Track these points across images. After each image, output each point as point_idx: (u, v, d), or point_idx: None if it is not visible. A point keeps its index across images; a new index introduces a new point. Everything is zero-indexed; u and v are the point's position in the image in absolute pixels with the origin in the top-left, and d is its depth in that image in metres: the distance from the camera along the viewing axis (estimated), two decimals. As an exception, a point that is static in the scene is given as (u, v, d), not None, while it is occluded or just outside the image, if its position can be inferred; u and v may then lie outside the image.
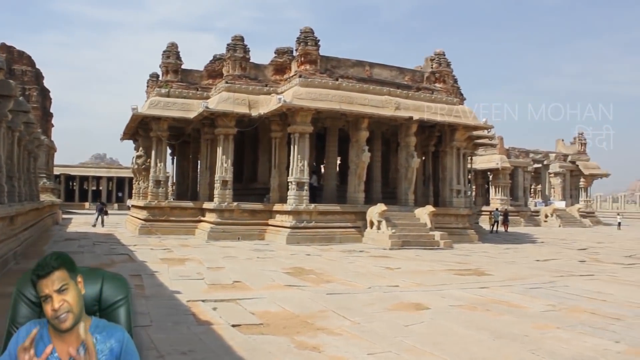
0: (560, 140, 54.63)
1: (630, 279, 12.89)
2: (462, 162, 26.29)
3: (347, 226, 22.02)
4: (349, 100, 22.06)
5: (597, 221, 49.05)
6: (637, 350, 6.25)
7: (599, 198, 77.16)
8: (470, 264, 15.36)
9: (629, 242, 26.48)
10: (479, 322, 7.55)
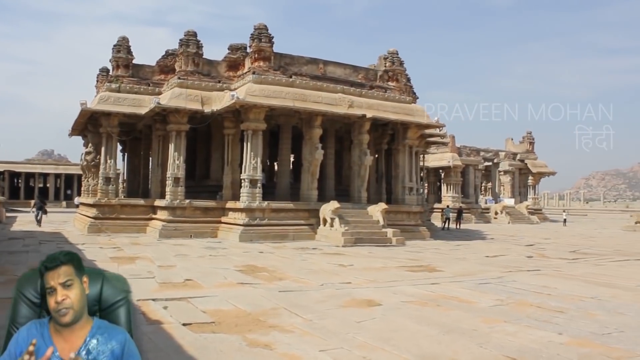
0: (510, 139, 55.97)
1: (574, 273, 13.33)
2: (415, 160, 26.65)
3: (300, 224, 22.04)
4: (302, 97, 22.07)
5: (544, 218, 50.52)
6: (578, 341, 6.48)
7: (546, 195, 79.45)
8: (421, 260, 15.58)
9: (574, 238, 27.35)
10: (430, 318, 7.67)
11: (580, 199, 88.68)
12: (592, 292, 10.24)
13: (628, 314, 8.24)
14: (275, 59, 23.01)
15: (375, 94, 24.45)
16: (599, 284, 11.41)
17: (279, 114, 23.15)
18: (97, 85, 28.21)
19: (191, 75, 23.45)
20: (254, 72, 22.15)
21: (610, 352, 6.00)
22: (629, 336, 6.79)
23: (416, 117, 24.66)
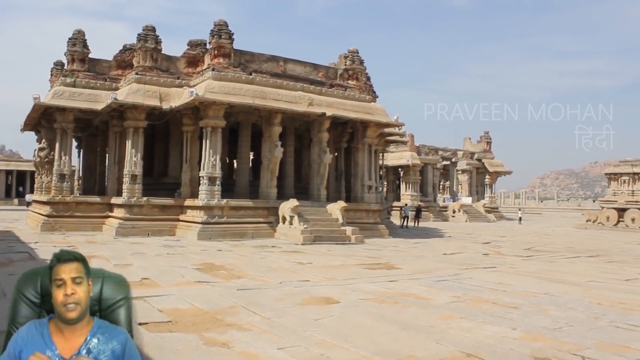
0: (468, 138, 56.88)
1: (528, 270, 13.64)
2: (374, 159, 26.84)
3: (259, 221, 21.96)
4: (262, 95, 21.96)
5: (500, 216, 51.53)
6: (531, 335, 6.64)
7: (502, 194, 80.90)
8: (380, 258, 15.71)
9: (529, 236, 27.99)
10: (387, 315, 7.74)
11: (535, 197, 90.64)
12: (545, 288, 10.50)
13: (578, 308, 8.48)
14: (235, 56, 22.85)
15: (335, 93, 24.51)
16: (551, 280, 11.71)
17: (239, 111, 23.01)
18: (52, 80, 27.53)
19: (149, 71, 23.10)
20: (213, 68, 21.95)
21: (561, 345, 6.16)
22: (578, 330, 6.99)
23: (376, 115, 24.83)
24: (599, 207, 40.85)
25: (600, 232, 33.62)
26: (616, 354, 5.90)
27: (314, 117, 23.36)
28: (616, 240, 26.76)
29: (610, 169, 39.41)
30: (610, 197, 38.43)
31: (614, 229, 36.03)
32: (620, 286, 11.28)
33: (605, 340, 6.47)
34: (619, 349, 6.08)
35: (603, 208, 38.72)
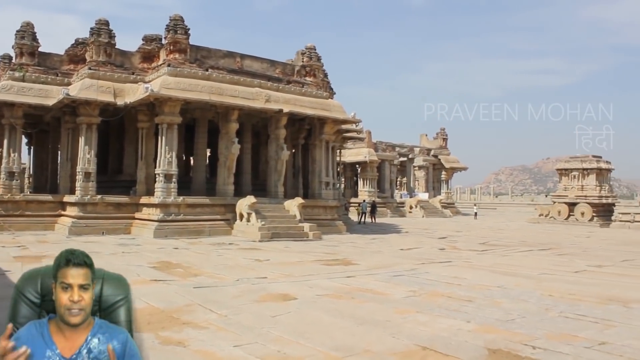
0: (424, 135, 57.56)
1: (482, 264, 13.90)
2: (331, 155, 26.92)
3: (216, 219, 21.79)
4: (219, 91, 21.78)
5: (456, 211, 52.34)
6: (484, 328, 6.79)
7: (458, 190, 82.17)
8: (337, 254, 15.78)
9: (484, 231, 28.52)
10: (344, 310, 7.78)
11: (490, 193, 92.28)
12: (498, 281, 10.72)
13: (530, 300, 8.69)
14: (191, 52, 22.58)
15: (293, 89, 24.49)
16: (505, 274, 11.96)
17: (195, 108, 22.76)
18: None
19: (103, 66, 22.62)
20: (169, 64, 21.65)
21: (513, 336, 6.31)
22: (530, 321, 7.17)
23: (333, 112, 24.90)
24: (551, 201, 41.88)
25: (552, 226, 34.52)
26: (565, 343, 6.07)
27: (271, 113, 23.29)
28: (567, 233, 27.53)
29: (561, 165, 40.44)
30: (561, 192, 39.45)
31: (565, 222, 37.03)
32: (570, 278, 11.61)
33: (554, 330, 6.65)
34: (567, 338, 6.26)
35: (554, 203, 39.72)
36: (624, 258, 15.94)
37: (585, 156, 39.07)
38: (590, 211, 36.56)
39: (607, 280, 11.41)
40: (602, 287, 10.24)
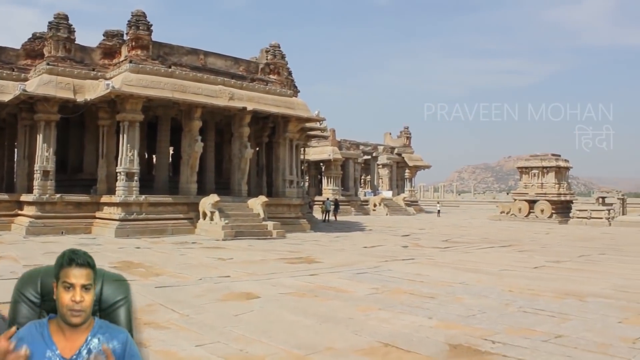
0: (388, 133, 57.96)
1: (445, 260, 14.09)
2: (295, 153, 26.90)
3: (179, 218, 21.57)
4: (182, 88, 21.55)
5: (420, 209, 52.86)
6: (446, 324, 6.87)
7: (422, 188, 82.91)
8: (301, 252, 15.79)
9: (446, 228, 28.89)
10: (307, 308, 7.79)
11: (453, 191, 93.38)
12: (460, 277, 10.87)
13: (490, 296, 8.84)
14: (154, 48, 22.29)
15: (257, 87, 24.39)
16: (466, 270, 12.14)
17: (158, 105, 22.49)
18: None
19: (62, 61, 22.13)
20: (131, 60, 21.31)
21: (474, 332, 6.41)
22: (490, 316, 7.29)
23: (297, 110, 24.89)
24: (512, 199, 42.65)
25: (512, 223, 35.17)
26: (523, 337, 6.19)
27: (234, 111, 23.15)
28: (527, 230, 28.08)
29: (522, 163, 41.22)
30: (522, 190, 40.22)
31: (526, 219, 37.76)
32: (529, 274, 11.85)
33: (514, 325, 6.78)
34: (525, 333, 6.39)
35: (515, 200, 40.47)
36: (581, 254, 16.35)
37: (545, 155, 39.91)
38: (549, 208, 37.37)
39: (565, 275, 11.68)
40: (560, 282, 10.48)
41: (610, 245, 19.99)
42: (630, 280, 11.05)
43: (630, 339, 6.20)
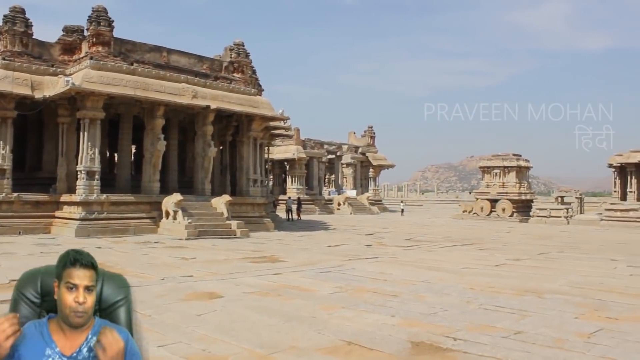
0: (352, 132, 58.19)
1: (408, 259, 14.21)
2: (259, 152, 26.81)
3: (142, 217, 21.28)
4: (144, 86, 21.24)
5: (384, 208, 53.21)
6: (408, 322, 6.94)
7: (386, 187, 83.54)
8: (265, 251, 15.74)
9: (410, 227, 29.14)
10: (271, 307, 7.77)
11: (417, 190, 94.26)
12: (423, 276, 10.98)
13: (452, 294, 8.95)
14: (115, 45, 21.94)
15: (220, 85, 24.21)
16: (429, 269, 12.27)
17: (120, 103, 22.13)
18: None
19: (19, 56, 21.59)
20: (91, 57, 20.93)
21: (435, 329, 6.48)
22: (452, 314, 7.39)
23: (261, 109, 24.79)
24: (474, 198, 43.26)
25: (475, 222, 35.69)
26: (484, 333, 6.30)
27: (198, 109, 22.95)
28: (489, 229, 28.54)
29: (484, 163, 41.87)
30: (484, 189, 40.84)
31: (487, 218, 38.38)
32: (490, 271, 12.05)
33: (475, 322, 6.89)
34: (486, 329, 6.50)
35: (477, 199, 41.08)
36: (540, 252, 16.69)
37: (506, 154, 40.61)
38: (510, 207, 38.04)
39: (524, 273, 11.91)
40: (519, 280, 10.68)
41: (568, 243, 20.47)
42: (586, 277, 11.33)
43: (585, 334, 6.36)
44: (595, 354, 5.58)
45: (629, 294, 9.32)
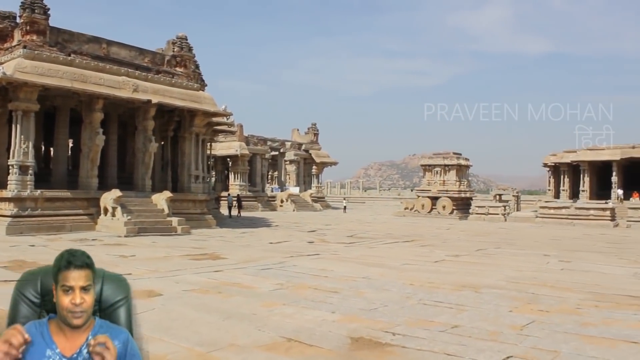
0: (296, 129, 58.20)
1: (349, 256, 14.31)
2: (202, 148, 26.45)
3: (79, 213, 20.66)
4: (82, 78, 20.60)
5: (327, 205, 53.47)
6: (348, 317, 6.98)
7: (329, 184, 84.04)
8: (206, 248, 15.55)
9: (352, 224, 29.37)
10: (211, 305, 7.67)
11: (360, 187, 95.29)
12: (364, 272, 11.07)
13: (392, 290, 9.06)
14: (51, 34, 21.17)
15: (162, 79, 23.75)
16: (370, 265, 12.39)
17: (56, 95, 21.42)
18: None
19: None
20: (25, 46, 20.12)
21: (375, 324, 6.54)
22: (392, 309, 7.47)
23: (204, 104, 24.47)
24: (416, 196, 43.97)
25: (416, 219, 36.30)
26: (422, 328, 6.39)
27: (139, 104, 22.44)
28: (429, 226, 29.07)
29: (425, 161, 42.62)
30: (425, 187, 41.59)
31: (428, 215, 39.10)
32: (430, 267, 12.27)
33: (413, 317, 6.99)
34: (424, 324, 6.61)
35: (419, 197, 41.78)
36: (478, 248, 17.11)
37: (447, 153, 41.45)
38: (451, 205, 38.88)
39: (463, 268, 12.17)
40: (458, 275, 10.91)
41: (505, 239, 21.07)
42: (521, 271, 11.68)
43: (518, 326, 6.57)
44: (527, 345, 5.77)
45: (559, 287, 9.67)
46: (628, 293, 9.24)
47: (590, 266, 13.07)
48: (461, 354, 5.41)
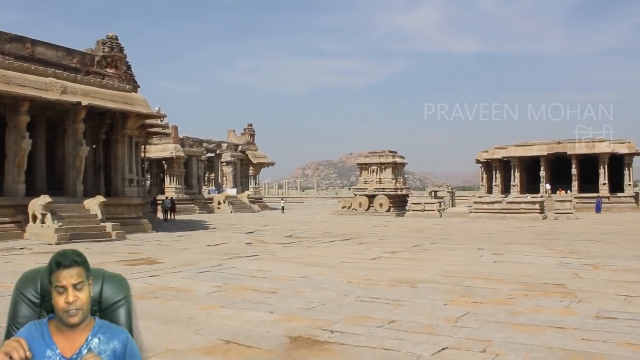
0: (232, 130, 57.78)
1: (288, 256, 14.33)
2: (136, 151, 25.88)
3: (4, 221, 19.81)
4: (5, 79, 19.74)
5: (265, 206, 53.34)
6: (286, 317, 6.98)
7: (266, 185, 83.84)
8: (142, 253, 15.24)
9: (290, 224, 29.40)
10: (147, 310, 7.50)
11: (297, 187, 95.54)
12: (302, 271, 11.10)
13: (330, 288, 9.12)
14: (-30, 34, 20.25)
15: (92, 81, 23.08)
16: (308, 264, 12.43)
17: (-23, 98, 20.47)
18: None
19: None
20: (-58, 48, 19.18)
21: (313, 323, 6.57)
22: (330, 307, 7.53)
23: (136, 106, 23.93)
24: (353, 194, 44.44)
25: (354, 217, 36.66)
26: (360, 324, 6.47)
27: (68, 106, 21.73)
28: (367, 223, 29.41)
29: (362, 160, 43.14)
30: (362, 185, 42.08)
31: (366, 213, 39.56)
32: (367, 265, 12.42)
33: (351, 314, 7.06)
34: (362, 320, 6.68)
35: (356, 195, 42.24)
36: (415, 244, 17.44)
37: (383, 151, 42.08)
38: (387, 202, 39.48)
39: (399, 264, 12.39)
40: (395, 271, 11.09)
41: (441, 234, 21.57)
42: (455, 266, 11.99)
43: (453, 319, 6.74)
44: (461, 336, 5.93)
45: (492, 279, 9.98)
46: (554, 282, 9.64)
47: (521, 258, 13.55)
48: (398, 348, 5.50)
